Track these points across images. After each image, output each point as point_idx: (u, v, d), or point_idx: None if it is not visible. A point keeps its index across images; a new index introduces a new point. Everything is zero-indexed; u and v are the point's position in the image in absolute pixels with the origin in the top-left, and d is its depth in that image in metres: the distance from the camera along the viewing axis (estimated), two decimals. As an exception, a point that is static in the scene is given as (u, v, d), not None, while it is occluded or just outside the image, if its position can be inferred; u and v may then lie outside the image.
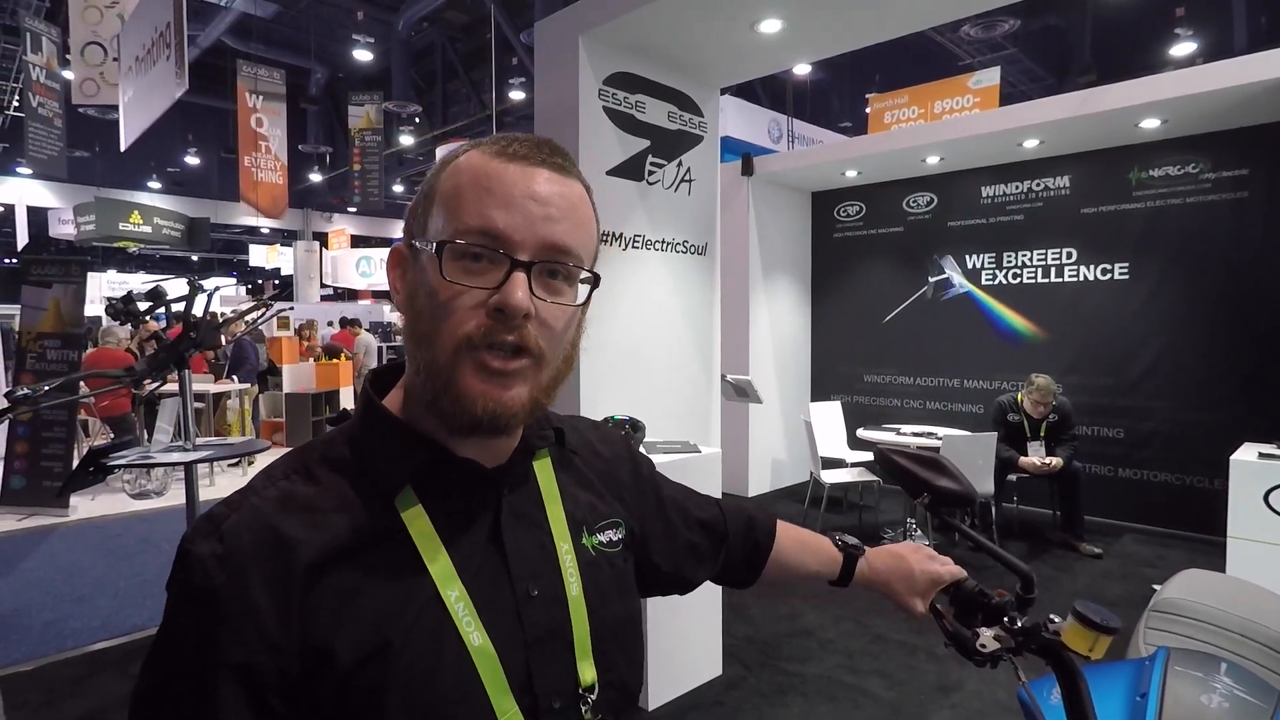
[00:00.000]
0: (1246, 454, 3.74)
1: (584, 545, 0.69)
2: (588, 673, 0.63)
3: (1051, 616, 0.83)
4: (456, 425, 0.58)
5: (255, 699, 0.52)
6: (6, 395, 2.31)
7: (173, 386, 3.23)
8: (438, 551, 0.58)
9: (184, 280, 2.76)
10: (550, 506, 0.67)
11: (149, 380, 2.80)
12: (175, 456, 2.67)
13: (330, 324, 14.41)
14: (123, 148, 6.01)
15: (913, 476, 0.96)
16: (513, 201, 0.57)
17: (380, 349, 11.39)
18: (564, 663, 0.62)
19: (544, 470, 0.69)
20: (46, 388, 2.24)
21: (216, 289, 2.96)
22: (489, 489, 0.63)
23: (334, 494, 0.58)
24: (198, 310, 2.75)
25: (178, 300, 2.72)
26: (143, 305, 2.79)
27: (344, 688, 0.53)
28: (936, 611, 0.95)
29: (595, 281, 0.63)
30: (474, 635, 0.57)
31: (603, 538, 0.71)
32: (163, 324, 2.77)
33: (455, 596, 0.58)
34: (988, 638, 0.86)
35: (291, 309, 11.14)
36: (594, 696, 0.63)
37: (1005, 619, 0.85)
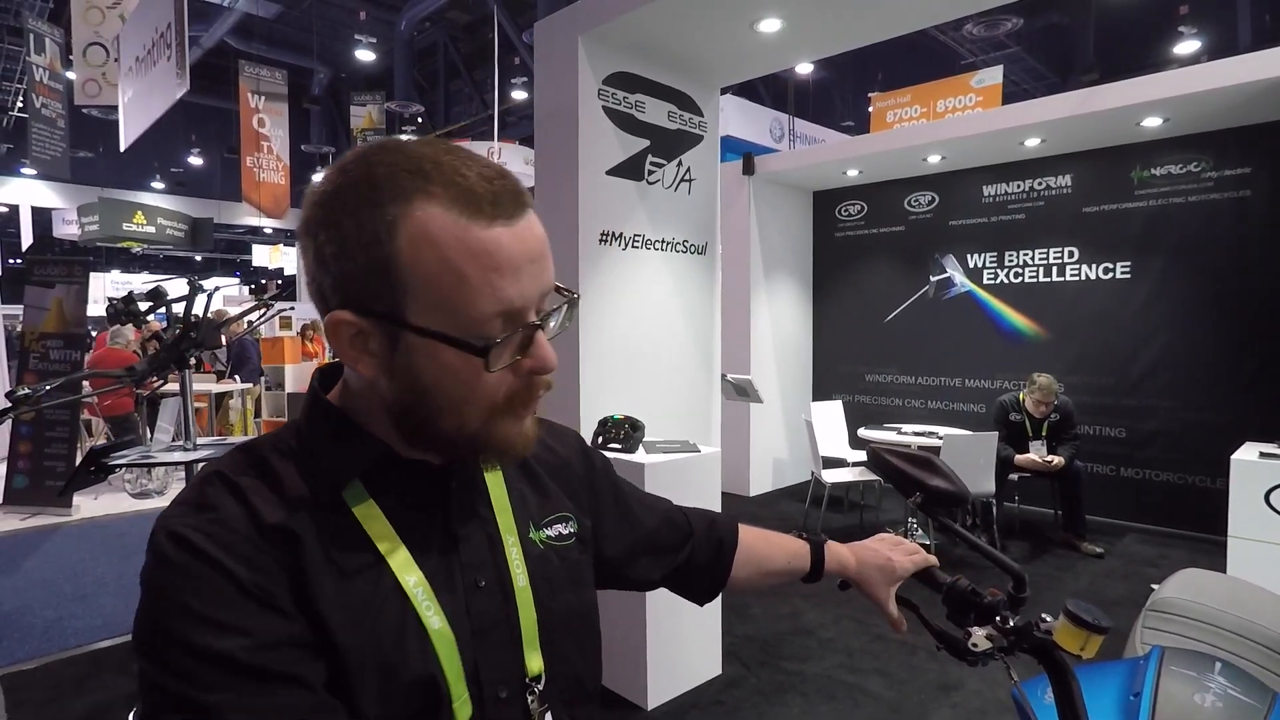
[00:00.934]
0: (1247, 453, 3.72)
1: (531, 539, 0.70)
2: (534, 663, 0.64)
3: (1043, 616, 0.83)
4: (491, 461, 0.65)
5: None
6: (7, 395, 2.32)
7: (174, 386, 3.23)
8: (395, 543, 0.59)
9: (184, 280, 2.77)
10: (496, 501, 0.68)
11: (152, 379, 2.81)
12: (175, 456, 2.67)
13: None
14: (122, 148, 6.03)
15: (905, 476, 0.96)
16: (520, 273, 0.55)
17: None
18: (508, 653, 0.63)
19: (490, 466, 0.70)
20: (47, 387, 2.25)
21: (216, 288, 2.96)
22: (437, 485, 0.63)
23: (285, 487, 0.58)
24: (198, 310, 2.76)
25: (178, 300, 2.73)
26: (143, 305, 2.80)
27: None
28: (910, 605, 0.95)
29: (575, 303, 0.65)
30: (433, 619, 0.58)
31: (551, 532, 0.72)
32: (163, 324, 2.77)
33: (414, 583, 0.58)
34: (979, 637, 0.86)
35: (292, 309, 11.15)
36: (540, 687, 0.64)
37: (997, 618, 0.86)
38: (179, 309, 2.73)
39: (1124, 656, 1.44)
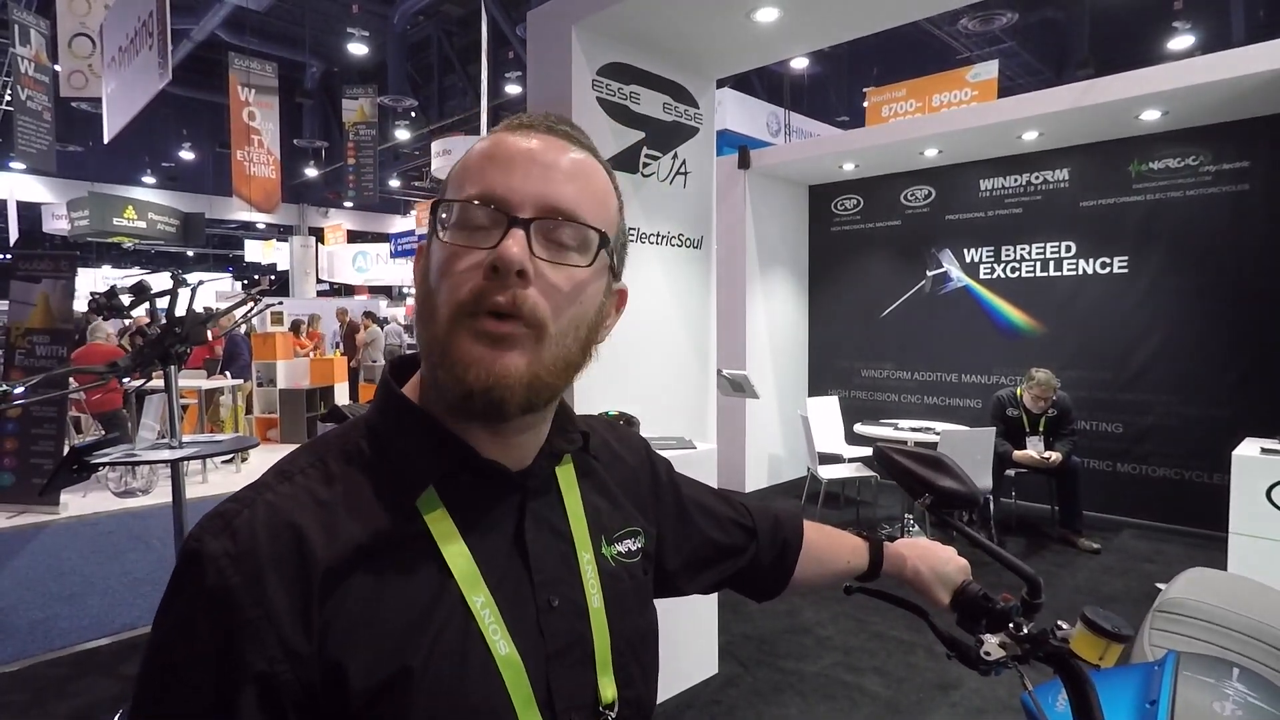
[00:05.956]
0: (1248, 449, 3.70)
1: (604, 555, 0.66)
2: (608, 689, 0.61)
3: (1059, 623, 0.79)
4: (453, 399, 0.54)
5: (273, 711, 0.48)
6: (-16, 392, 2.26)
7: (159, 382, 3.17)
8: (463, 556, 0.55)
9: (167, 274, 2.71)
10: (572, 514, 0.64)
11: (137, 375, 2.75)
12: (160, 454, 2.61)
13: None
14: (106, 139, 5.93)
15: (914, 476, 0.91)
16: (513, 164, 0.55)
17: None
18: (583, 677, 0.60)
19: (565, 476, 0.66)
20: (22, 386, 2.19)
21: (200, 282, 2.90)
22: (512, 493, 0.60)
23: (353, 492, 0.54)
24: (182, 305, 2.70)
25: (161, 294, 2.67)
26: (126, 300, 2.73)
27: (360, 713, 0.49)
28: (919, 611, 0.91)
29: (604, 241, 0.58)
30: (500, 644, 0.54)
31: (621, 548, 0.68)
32: (148, 319, 2.71)
33: (481, 603, 0.54)
34: (992, 645, 0.82)
35: (281, 304, 11.09)
36: (613, 714, 0.61)
37: (1010, 625, 0.82)
38: (164, 303, 2.67)
39: (1132, 659, 1.40)
